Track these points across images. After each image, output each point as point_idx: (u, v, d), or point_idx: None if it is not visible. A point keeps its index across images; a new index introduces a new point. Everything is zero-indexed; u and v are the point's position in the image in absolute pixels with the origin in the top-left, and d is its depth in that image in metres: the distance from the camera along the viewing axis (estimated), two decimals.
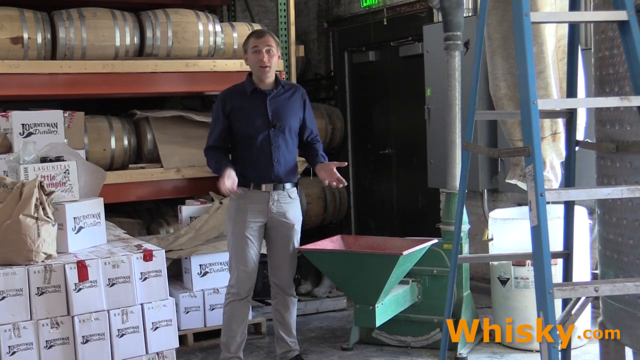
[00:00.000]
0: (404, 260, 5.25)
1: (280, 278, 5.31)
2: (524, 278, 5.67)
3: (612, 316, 3.71)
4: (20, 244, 4.30)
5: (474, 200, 7.20)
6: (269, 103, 5.15)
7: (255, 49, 5.08)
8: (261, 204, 5.14)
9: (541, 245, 3.02)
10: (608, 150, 3.58)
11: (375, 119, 9.25)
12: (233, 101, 5.19)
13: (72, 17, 6.30)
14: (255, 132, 5.12)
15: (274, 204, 5.15)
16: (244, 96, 5.18)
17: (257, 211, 5.14)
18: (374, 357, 5.74)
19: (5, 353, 4.19)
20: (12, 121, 5.22)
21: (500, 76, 5.48)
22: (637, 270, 3.42)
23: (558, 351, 2.99)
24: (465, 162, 4.10)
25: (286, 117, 5.19)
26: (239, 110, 5.15)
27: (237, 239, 5.15)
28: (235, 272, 5.16)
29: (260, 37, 5.14)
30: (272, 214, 5.17)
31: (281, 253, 5.28)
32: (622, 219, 3.52)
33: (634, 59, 3.22)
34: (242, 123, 5.14)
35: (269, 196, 5.14)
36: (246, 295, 5.19)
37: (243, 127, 5.14)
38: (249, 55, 5.15)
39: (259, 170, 5.14)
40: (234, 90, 5.28)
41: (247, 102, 5.17)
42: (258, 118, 5.13)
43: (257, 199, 5.14)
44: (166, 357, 4.59)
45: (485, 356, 5.67)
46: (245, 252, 5.13)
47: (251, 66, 5.18)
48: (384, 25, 8.60)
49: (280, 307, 5.35)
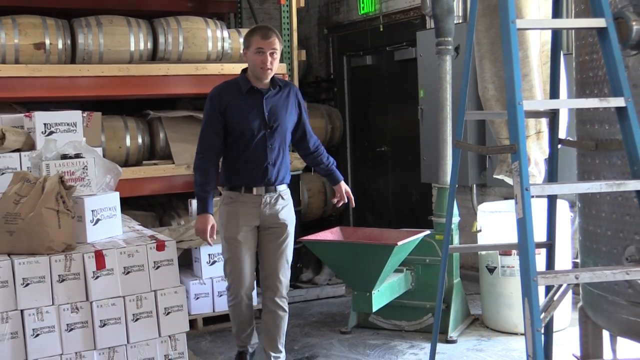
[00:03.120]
0: (399, 250, 5.27)
1: (272, 285, 4.75)
2: (510, 266, 5.68)
3: (591, 302, 3.72)
4: (42, 234, 4.31)
5: (464, 195, 7.21)
6: (266, 103, 4.63)
7: (260, 51, 4.53)
8: (253, 208, 4.65)
9: (526, 236, 3.02)
10: (588, 148, 3.59)
11: (372, 119, 9.25)
12: (228, 99, 4.63)
13: (90, 24, 6.32)
14: (250, 132, 4.60)
15: (266, 207, 4.65)
16: (240, 94, 4.64)
17: (249, 215, 4.65)
18: (370, 340, 5.75)
19: (29, 335, 4.20)
20: (35, 121, 5.23)
21: (488, 79, 5.48)
22: (614, 259, 3.43)
23: (541, 334, 3.00)
24: (456, 159, 4.10)
25: (282, 118, 4.68)
26: (234, 109, 4.61)
27: (231, 244, 4.69)
28: (232, 277, 4.74)
29: (266, 38, 4.55)
30: (264, 217, 4.67)
31: (274, 257, 4.74)
32: (601, 211, 3.53)
33: (612, 63, 3.23)
34: (238, 122, 4.61)
35: (261, 199, 4.64)
36: (245, 297, 4.77)
37: (238, 127, 4.61)
38: (250, 53, 4.59)
39: (252, 172, 4.64)
40: (228, 88, 4.71)
41: (243, 100, 4.62)
42: (254, 118, 4.59)
43: (249, 202, 4.65)
44: (177, 340, 4.59)
45: (473, 339, 5.68)
46: (240, 256, 4.67)
47: (252, 65, 4.62)
48: (380, 31, 8.60)
49: (268, 319, 4.78)
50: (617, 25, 3.28)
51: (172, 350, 4.57)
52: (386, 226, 7.74)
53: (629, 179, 3.19)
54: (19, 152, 5.20)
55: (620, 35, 3.28)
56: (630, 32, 3.28)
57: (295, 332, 5.98)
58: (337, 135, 9.10)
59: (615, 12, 3.33)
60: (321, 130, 8.74)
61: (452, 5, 5.90)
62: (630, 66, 3.33)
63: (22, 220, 4.31)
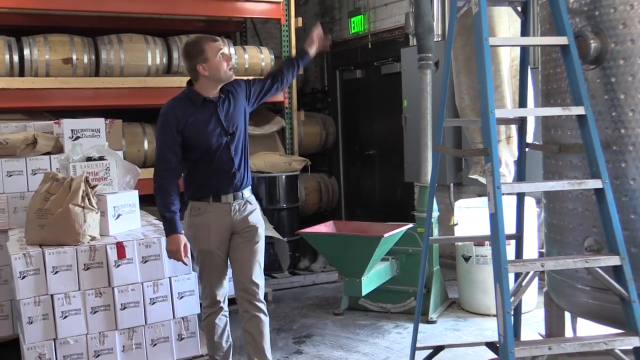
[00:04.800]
0: (385, 242, 5.27)
1: (249, 289, 4.07)
2: (483, 256, 5.69)
3: (555, 287, 3.73)
4: (69, 228, 4.31)
5: (442, 192, 7.21)
6: (220, 110, 3.98)
7: (222, 53, 3.93)
8: (223, 217, 4.02)
9: (497, 228, 3.02)
10: (552, 151, 3.59)
11: (362, 126, 9.24)
12: (184, 116, 3.92)
13: (112, 41, 6.32)
14: (213, 144, 3.95)
15: (235, 214, 4.03)
16: (193, 109, 3.96)
17: (220, 224, 4.02)
18: (360, 320, 5.75)
19: (59, 317, 4.20)
20: (63, 127, 5.22)
21: (464, 90, 5.48)
22: (575, 249, 3.43)
23: (511, 315, 3.00)
24: (435, 161, 4.10)
25: (238, 120, 4.05)
26: (193, 125, 3.92)
27: (204, 255, 4.05)
28: (208, 288, 4.10)
29: (217, 41, 4.00)
30: (235, 224, 4.04)
31: (248, 260, 4.07)
32: (564, 207, 3.53)
33: (573, 76, 3.23)
34: (199, 138, 3.93)
35: (230, 207, 4.02)
36: (221, 306, 4.15)
37: (200, 142, 3.93)
38: (213, 60, 3.90)
39: (220, 181, 4.01)
40: (180, 105, 4.00)
41: (198, 115, 3.94)
42: (214, 129, 3.95)
43: (218, 212, 4.01)
44: (189, 321, 4.59)
45: (451, 320, 5.68)
46: (214, 267, 4.07)
47: (217, 71, 3.93)
48: (368, 48, 8.59)
49: (250, 326, 4.08)
50: (578, 42, 3.29)
51: (184, 330, 4.57)
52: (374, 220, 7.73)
53: (588, 178, 3.19)
54: (49, 155, 5.21)
55: (580, 52, 3.28)
56: (589, 49, 3.28)
57: (294, 314, 5.97)
58: (331, 140, 9.09)
59: (576, 31, 3.33)
60: (317, 135, 8.74)
61: (432, 25, 5.91)
62: (589, 79, 3.34)
63: (52, 215, 4.31)
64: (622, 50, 3.21)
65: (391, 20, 8.25)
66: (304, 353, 5.04)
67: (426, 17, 5.81)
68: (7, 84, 5.88)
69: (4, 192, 5.09)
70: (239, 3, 6.86)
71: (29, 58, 6.00)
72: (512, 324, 2.98)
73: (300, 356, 4.97)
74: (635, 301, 3.06)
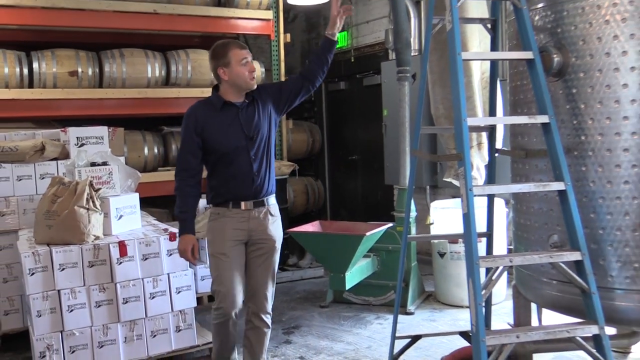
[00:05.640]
0: (367, 240, 5.27)
1: (258, 302, 3.79)
2: (457, 252, 5.70)
3: (522, 280, 3.74)
4: (75, 228, 4.28)
5: (420, 194, 7.23)
6: (242, 115, 3.69)
7: (245, 60, 3.65)
8: (241, 222, 3.69)
9: (470, 227, 3.03)
10: (520, 156, 3.60)
11: (345, 133, 9.24)
12: (204, 118, 3.69)
13: (114, 55, 6.29)
14: (231, 147, 3.65)
15: (254, 221, 3.71)
16: (214, 112, 3.70)
17: (236, 230, 3.69)
18: (344, 312, 5.74)
19: (65, 310, 4.17)
20: (69, 135, 5.19)
21: (439, 100, 5.51)
22: (541, 246, 3.45)
23: (482, 307, 3.01)
24: (413, 165, 4.11)
25: (261, 125, 3.72)
26: (211, 127, 3.67)
27: (219, 260, 3.70)
28: (221, 295, 3.70)
29: (243, 48, 3.70)
30: (252, 232, 3.72)
31: (262, 273, 3.77)
32: (530, 207, 3.55)
33: (538, 87, 3.25)
34: (217, 140, 3.66)
35: (249, 214, 3.70)
36: (234, 315, 3.74)
37: (218, 145, 3.66)
38: (235, 66, 3.63)
39: (239, 187, 3.69)
40: (201, 107, 3.76)
41: (218, 117, 3.69)
42: (233, 132, 3.67)
43: (236, 217, 3.70)
44: (187, 314, 4.57)
45: (428, 311, 5.68)
46: (229, 273, 3.68)
47: (238, 78, 3.65)
48: (351, 62, 8.61)
49: (252, 335, 3.84)
50: (542, 57, 3.31)
51: (182, 322, 4.55)
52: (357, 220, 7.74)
53: (552, 181, 3.21)
54: (56, 161, 5.18)
55: (544, 65, 3.30)
56: (552, 62, 3.31)
57: (283, 307, 5.96)
58: (317, 146, 9.09)
59: (540, 47, 3.35)
60: (304, 142, 8.74)
61: (409, 41, 5.92)
62: (552, 90, 3.36)
63: (59, 217, 4.28)
64: (582, 64, 3.24)
65: (372, 36, 8.27)
66: (292, 343, 5.03)
67: (404, 34, 5.83)
68: (18, 94, 5.86)
69: (14, 195, 5.07)
70: (232, 20, 6.86)
71: (37, 71, 5.96)
72: (483, 315, 2.99)
73: (289, 346, 4.96)
74: (595, 293, 3.08)
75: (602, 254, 3.21)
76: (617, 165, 3.15)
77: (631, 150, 3.12)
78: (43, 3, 5.90)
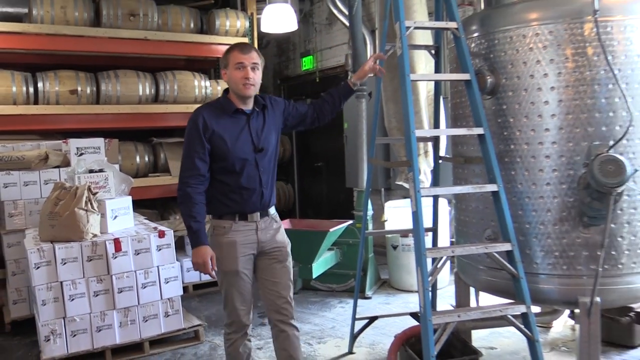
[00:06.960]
0: (331, 235, 5.28)
1: (283, 309, 3.17)
2: (407, 245, 5.73)
3: (462, 268, 3.78)
4: (75, 227, 4.23)
5: (375, 195, 7.26)
6: (252, 125, 3.07)
7: (240, 65, 2.99)
8: (249, 235, 3.09)
9: (418, 223, 3.04)
10: (460, 162, 3.63)
11: (312, 143, 9.25)
12: (213, 124, 3.00)
13: (110, 75, 6.22)
14: (241, 158, 3.02)
15: (261, 232, 3.11)
16: (224, 117, 3.04)
17: (246, 243, 3.08)
18: (312, 298, 5.74)
19: (67, 299, 4.12)
20: (70, 145, 5.15)
21: (392, 115, 5.55)
22: (478, 238, 3.48)
23: (429, 291, 3.02)
24: (369, 171, 4.13)
25: (269, 137, 3.12)
26: (221, 134, 3.00)
27: (231, 277, 3.09)
28: (234, 311, 3.15)
29: (244, 52, 3.00)
30: (263, 244, 3.13)
31: (281, 280, 3.18)
32: (468, 206, 3.59)
33: (474, 104, 3.28)
34: (226, 149, 2.99)
35: (257, 225, 3.10)
36: (247, 331, 3.23)
37: (227, 154, 2.99)
38: (230, 70, 3.02)
39: (247, 199, 3.07)
40: (211, 111, 3.05)
41: (228, 124, 3.03)
42: (243, 142, 3.03)
43: (244, 230, 3.08)
44: (174, 301, 4.54)
45: (383, 296, 5.71)
46: (242, 289, 3.13)
47: (233, 83, 3.02)
48: (317, 81, 8.62)
49: (287, 345, 3.16)
50: (478, 78, 3.33)
51: (170, 309, 4.51)
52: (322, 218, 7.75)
53: (487, 183, 3.24)
54: (58, 168, 5.12)
55: (479, 85, 3.32)
56: (486, 83, 3.34)
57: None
58: (287, 154, 9.08)
59: (476, 69, 3.39)
60: None
61: None
62: (486, 106, 3.39)
63: (61, 217, 4.23)
64: (510, 84, 3.29)
65: (334, 60, 8.30)
66: (267, 325, 5.01)
67: (361, 58, 5.86)
68: (25, 110, 5.78)
69: (21, 199, 5.00)
70: (213, 46, 6.82)
71: (42, 89, 5.87)
72: (430, 298, 3.00)
73: (264, 327, 4.94)
74: (523, 278, 3.12)
75: (529, 245, 3.26)
76: (540, 169, 3.20)
77: (552, 157, 3.17)
78: (47, 30, 5.82)
